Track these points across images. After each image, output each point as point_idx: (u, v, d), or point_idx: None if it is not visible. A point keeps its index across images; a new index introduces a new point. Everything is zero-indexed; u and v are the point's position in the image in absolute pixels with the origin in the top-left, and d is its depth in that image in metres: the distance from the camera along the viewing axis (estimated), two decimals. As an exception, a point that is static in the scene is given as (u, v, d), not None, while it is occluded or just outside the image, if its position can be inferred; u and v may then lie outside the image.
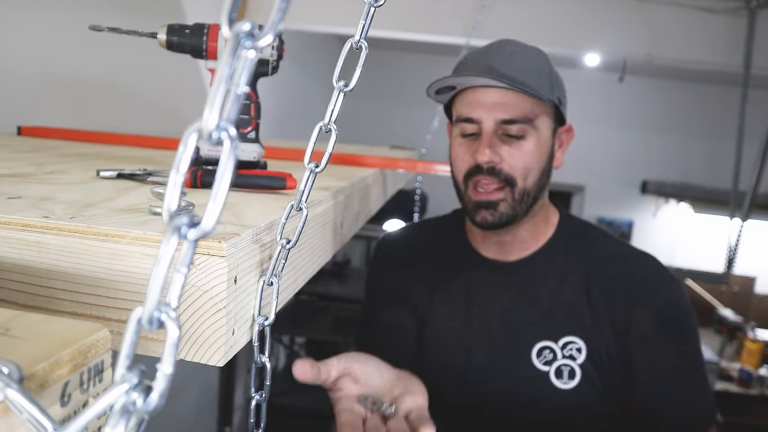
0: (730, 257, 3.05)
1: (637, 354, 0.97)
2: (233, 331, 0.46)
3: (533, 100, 0.96)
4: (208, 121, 0.28)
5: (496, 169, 0.96)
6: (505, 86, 0.94)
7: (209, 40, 0.76)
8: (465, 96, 0.99)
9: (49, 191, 0.58)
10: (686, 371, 0.99)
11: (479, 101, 0.96)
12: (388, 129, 5.22)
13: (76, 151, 1.05)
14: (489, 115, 0.95)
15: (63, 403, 0.28)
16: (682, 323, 1.00)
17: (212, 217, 0.28)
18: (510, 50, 0.99)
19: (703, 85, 5.56)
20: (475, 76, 0.94)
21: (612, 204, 5.83)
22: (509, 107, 0.95)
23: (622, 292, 0.98)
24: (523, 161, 0.96)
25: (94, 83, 1.75)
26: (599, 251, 1.04)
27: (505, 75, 0.94)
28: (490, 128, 0.96)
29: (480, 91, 0.97)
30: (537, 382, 0.99)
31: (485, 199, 0.98)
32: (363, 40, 0.52)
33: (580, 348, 0.98)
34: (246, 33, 0.28)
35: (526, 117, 0.96)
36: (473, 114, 0.97)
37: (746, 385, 3.97)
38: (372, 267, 1.24)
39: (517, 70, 0.95)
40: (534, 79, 0.96)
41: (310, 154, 0.54)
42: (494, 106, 0.95)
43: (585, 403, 0.98)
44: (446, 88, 1.00)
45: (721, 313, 4.82)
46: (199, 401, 2.84)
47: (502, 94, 0.95)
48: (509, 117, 0.95)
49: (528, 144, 0.97)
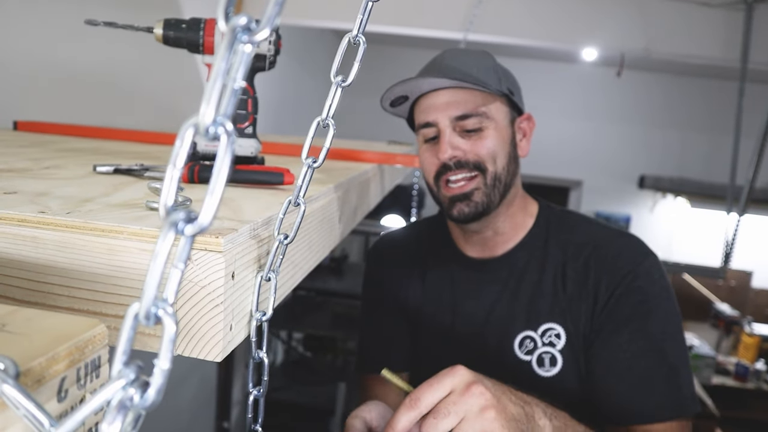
0: (726, 252, 3.05)
1: (605, 331, 0.96)
2: (231, 326, 0.46)
3: (483, 94, 0.99)
4: (205, 117, 0.28)
5: (463, 161, 0.99)
6: (453, 85, 0.97)
7: (206, 34, 0.76)
8: (419, 104, 1.03)
9: (45, 186, 0.58)
10: (654, 352, 0.94)
11: (431, 105, 1.00)
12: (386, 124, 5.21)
13: (72, 146, 1.05)
14: (443, 115, 0.99)
15: (60, 399, 0.28)
16: (654, 299, 0.96)
17: (209, 213, 0.28)
18: (453, 54, 1.04)
19: (700, 80, 5.57)
20: (422, 77, 0.97)
21: (609, 199, 5.84)
22: (460, 104, 0.98)
23: (595, 270, 0.99)
24: (487, 147, 0.99)
25: (91, 78, 1.75)
26: (577, 237, 1.05)
27: (450, 72, 0.98)
28: (447, 126, 0.99)
29: (431, 95, 1.00)
30: (520, 372, 1.00)
31: (459, 193, 1.00)
32: (361, 35, 0.52)
33: (559, 334, 0.99)
34: (242, 27, 0.28)
35: (478, 110, 0.99)
36: (429, 117, 1.00)
37: (743, 379, 3.99)
38: (367, 271, 1.27)
39: (462, 67, 0.99)
40: (479, 74, 0.99)
41: (307, 149, 0.54)
42: (446, 105, 0.99)
43: (568, 390, 0.98)
44: (399, 99, 1.04)
45: (718, 307, 4.84)
46: (196, 396, 2.84)
47: (452, 93, 0.99)
48: (462, 112, 0.98)
49: (487, 134, 1.00)
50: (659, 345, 0.94)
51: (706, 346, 4.13)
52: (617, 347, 0.94)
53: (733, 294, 5.17)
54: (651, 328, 0.95)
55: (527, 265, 1.05)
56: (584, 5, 2.93)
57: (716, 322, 4.75)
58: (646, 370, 0.93)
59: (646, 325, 0.95)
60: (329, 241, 0.80)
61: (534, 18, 2.97)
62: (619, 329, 0.95)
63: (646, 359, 0.93)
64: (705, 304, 5.00)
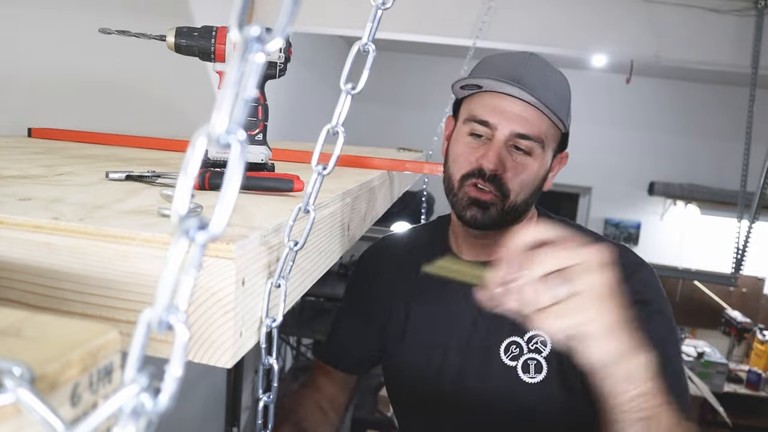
0: (738, 258, 3.03)
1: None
2: (241, 332, 0.46)
3: (549, 122, 0.97)
4: (217, 125, 0.28)
5: (497, 177, 0.97)
6: (530, 101, 0.94)
7: (217, 42, 0.76)
8: (485, 98, 0.99)
9: (59, 193, 0.58)
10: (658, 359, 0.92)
11: (499, 108, 0.96)
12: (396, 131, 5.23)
13: (85, 153, 1.06)
14: (506, 125, 0.96)
15: (73, 404, 0.29)
16: (653, 305, 0.96)
17: (221, 222, 0.28)
18: (539, 66, 0.99)
19: (710, 86, 5.54)
20: (505, 83, 0.94)
21: (619, 205, 5.82)
22: (527, 122, 0.95)
23: None
24: (523, 178, 0.97)
25: (104, 85, 1.76)
26: None
27: (533, 90, 0.93)
28: (504, 137, 0.96)
29: (503, 98, 0.96)
30: (505, 377, 1.00)
31: (481, 198, 0.98)
32: (370, 42, 0.53)
33: (545, 341, 0.99)
34: (255, 38, 0.28)
35: (539, 136, 0.96)
36: (490, 118, 0.97)
37: (755, 387, 3.95)
38: (357, 269, 1.29)
39: (544, 87, 0.95)
40: (557, 103, 0.96)
41: (317, 156, 0.54)
42: (514, 116, 0.95)
43: (553, 397, 0.98)
44: (472, 86, 1.00)
45: (730, 314, 4.79)
46: (206, 402, 2.85)
47: (524, 107, 0.95)
48: (525, 132, 0.95)
49: (532, 162, 0.98)
50: (663, 351, 0.94)
51: (717, 354, 4.09)
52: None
53: (745, 301, 5.13)
54: (653, 334, 0.94)
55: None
56: (593, 12, 2.92)
57: (728, 329, 4.71)
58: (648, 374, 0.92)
59: (648, 331, 0.94)
60: (339, 247, 0.80)
61: (543, 25, 2.97)
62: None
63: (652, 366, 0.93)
64: (716, 311, 4.96)
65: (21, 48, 1.43)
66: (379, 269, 1.23)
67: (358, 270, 1.29)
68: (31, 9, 1.46)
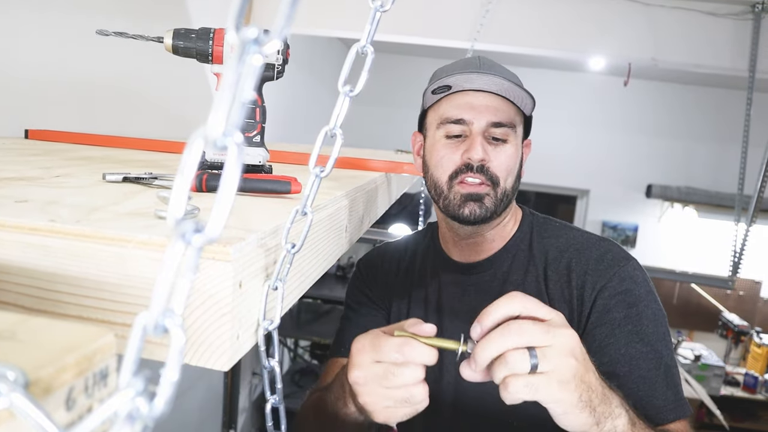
0: (735, 261, 3.03)
1: (599, 335, 0.96)
2: (238, 335, 0.46)
3: (515, 109, 1.01)
4: (214, 127, 0.28)
5: (485, 167, 1.00)
6: (496, 91, 0.99)
7: (215, 44, 0.76)
8: (452, 99, 1.02)
9: (55, 195, 0.58)
10: (651, 354, 0.94)
11: (470, 104, 1.00)
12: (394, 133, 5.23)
13: (82, 155, 1.06)
14: (481, 117, 0.99)
15: (68, 408, 0.28)
16: (642, 301, 0.97)
17: (218, 225, 0.28)
18: (491, 62, 1.05)
19: (707, 89, 5.55)
20: (472, 72, 0.97)
21: (617, 208, 5.82)
22: (498, 111, 0.99)
23: (576, 272, 1.01)
24: (506, 163, 1.01)
25: (101, 87, 1.76)
26: (559, 242, 1.07)
27: (501, 74, 0.99)
28: (481, 129, 1.00)
29: (470, 94, 1.00)
30: None
31: (474, 192, 1.00)
32: (369, 44, 0.52)
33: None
34: (253, 40, 0.28)
35: (510, 121, 1.00)
36: (465, 115, 1.00)
37: (752, 390, 3.95)
38: (356, 275, 1.29)
39: (504, 73, 1.01)
40: (518, 87, 1.00)
41: (315, 158, 0.54)
42: (485, 108, 0.99)
43: None
44: (442, 88, 1.03)
45: (727, 317, 4.80)
46: (203, 404, 2.84)
47: (491, 98, 1.00)
48: (498, 120, 0.99)
49: (509, 148, 1.01)
50: (654, 346, 0.95)
51: (714, 357, 4.10)
52: (615, 351, 0.94)
53: (742, 304, 5.14)
54: (644, 329, 0.96)
55: (511, 267, 1.08)
56: (591, 15, 2.93)
57: (724, 332, 4.72)
58: (647, 372, 0.93)
59: (639, 327, 0.96)
60: (336, 249, 0.80)
61: (541, 27, 2.97)
62: (614, 333, 0.95)
63: (645, 361, 0.94)
64: (713, 314, 4.97)
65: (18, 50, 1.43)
66: (374, 276, 1.24)
67: (354, 279, 1.30)
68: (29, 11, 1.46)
